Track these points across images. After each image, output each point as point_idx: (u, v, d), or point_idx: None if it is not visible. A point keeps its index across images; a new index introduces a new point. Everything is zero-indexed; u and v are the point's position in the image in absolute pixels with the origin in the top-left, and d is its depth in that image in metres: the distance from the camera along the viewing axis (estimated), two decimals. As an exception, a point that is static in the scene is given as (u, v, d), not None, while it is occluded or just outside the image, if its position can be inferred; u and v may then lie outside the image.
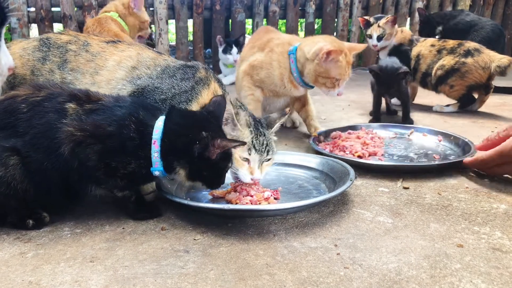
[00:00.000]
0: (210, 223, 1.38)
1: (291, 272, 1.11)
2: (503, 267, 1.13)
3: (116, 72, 1.63)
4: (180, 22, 4.38)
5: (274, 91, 2.28)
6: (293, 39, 2.30)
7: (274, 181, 1.71)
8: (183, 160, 1.32)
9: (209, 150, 1.28)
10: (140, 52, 1.69)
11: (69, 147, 1.25)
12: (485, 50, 2.87)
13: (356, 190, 1.64)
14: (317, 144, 2.10)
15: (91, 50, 1.69)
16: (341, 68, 2.07)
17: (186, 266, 1.14)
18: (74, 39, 1.73)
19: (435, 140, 2.20)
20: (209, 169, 1.33)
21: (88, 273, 1.11)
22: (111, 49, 1.69)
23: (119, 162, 1.29)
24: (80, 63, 1.67)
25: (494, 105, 3.16)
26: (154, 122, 1.32)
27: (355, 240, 1.27)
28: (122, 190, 1.37)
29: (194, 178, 1.36)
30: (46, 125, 1.27)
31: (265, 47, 2.29)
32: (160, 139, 1.29)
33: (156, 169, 1.32)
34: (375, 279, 1.08)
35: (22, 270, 1.12)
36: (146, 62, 1.65)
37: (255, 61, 2.28)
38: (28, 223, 1.33)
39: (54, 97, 1.31)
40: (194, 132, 1.30)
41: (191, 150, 1.29)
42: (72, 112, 1.28)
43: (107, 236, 1.30)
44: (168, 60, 1.69)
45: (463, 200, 1.55)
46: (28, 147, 1.26)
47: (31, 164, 1.26)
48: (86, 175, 1.31)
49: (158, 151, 1.29)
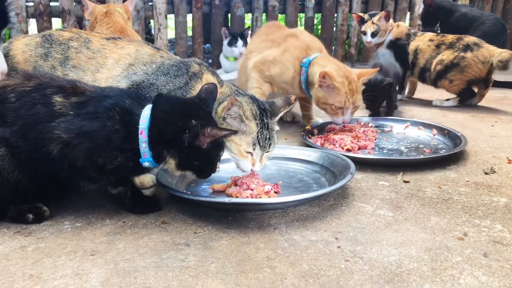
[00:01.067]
0: (210, 217, 1.38)
1: (292, 265, 1.11)
2: (504, 260, 1.13)
3: (114, 69, 1.63)
4: (179, 17, 4.36)
5: (284, 88, 2.28)
6: (312, 45, 2.24)
7: (274, 175, 1.70)
8: (173, 149, 1.29)
9: (199, 139, 1.25)
10: (139, 48, 1.68)
11: (58, 148, 1.25)
12: (485, 45, 2.86)
13: (357, 184, 1.63)
14: (309, 137, 2.10)
15: (92, 47, 1.68)
16: (339, 96, 2.03)
17: (187, 259, 1.14)
18: (76, 36, 1.72)
19: (429, 134, 2.20)
20: (200, 158, 1.30)
21: (89, 266, 1.10)
22: (111, 46, 1.69)
23: (106, 157, 1.27)
24: (82, 61, 1.67)
25: (494, 99, 3.15)
26: (140, 111, 1.29)
27: (355, 233, 1.27)
28: (116, 187, 1.35)
29: (184, 168, 1.33)
30: (34, 117, 1.26)
31: (281, 44, 2.26)
32: (148, 128, 1.26)
33: (145, 160, 1.29)
34: (376, 271, 1.08)
35: (23, 263, 1.12)
36: (143, 59, 1.65)
37: (269, 57, 2.25)
38: (28, 217, 1.33)
39: (42, 88, 1.30)
40: (183, 120, 1.27)
41: (180, 139, 1.26)
42: (59, 106, 1.27)
43: (107, 230, 1.30)
44: (164, 57, 1.69)
45: (463, 193, 1.55)
46: (16, 137, 1.25)
47: (21, 154, 1.26)
48: (77, 174, 1.31)
49: (146, 141, 1.27)
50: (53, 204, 1.40)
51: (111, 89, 1.37)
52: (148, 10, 4.29)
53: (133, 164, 1.30)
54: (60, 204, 1.43)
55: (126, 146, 1.27)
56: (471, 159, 1.89)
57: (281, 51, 2.23)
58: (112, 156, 1.27)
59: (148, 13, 4.30)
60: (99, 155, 1.26)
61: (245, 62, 2.42)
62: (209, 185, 1.57)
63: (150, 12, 4.29)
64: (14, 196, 1.31)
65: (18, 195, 1.31)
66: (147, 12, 4.29)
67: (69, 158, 1.26)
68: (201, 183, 1.61)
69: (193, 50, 4.55)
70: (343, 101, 2.04)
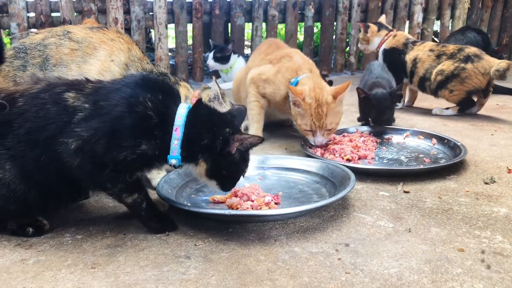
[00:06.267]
0: (211, 229, 1.38)
1: (292, 277, 1.11)
2: (504, 271, 1.13)
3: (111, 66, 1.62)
4: (180, 26, 4.38)
5: (278, 105, 2.33)
6: (303, 66, 2.26)
7: (274, 186, 1.71)
8: (207, 154, 1.31)
9: (229, 144, 1.29)
10: (130, 47, 1.71)
11: (77, 144, 1.21)
12: (485, 56, 2.86)
13: (357, 195, 1.64)
14: (309, 147, 2.10)
15: (75, 37, 1.64)
16: (305, 118, 2.01)
17: (187, 272, 1.14)
18: (49, 34, 1.67)
19: (429, 143, 2.20)
20: (228, 167, 1.34)
21: (90, 280, 1.10)
22: (99, 35, 1.66)
23: (127, 148, 1.22)
24: (64, 54, 1.62)
25: (494, 107, 3.16)
26: (176, 107, 1.30)
27: (356, 244, 1.27)
28: (131, 193, 1.30)
29: (213, 175, 1.35)
30: (44, 118, 1.24)
31: (275, 65, 2.30)
32: (183, 127, 1.28)
33: (174, 157, 1.29)
34: (376, 284, 1.08)
35: (23, 277, 1.12)
36: (135, 64, 1.69)
37: (264, 76, 2.30)
38: (28, 230, 1.33)
39: (51, 88, 1.29)
40: (220, 128, 1.31)
41: (214, 145, 1.29)
42: (72, 101, 1.25)
43: (108, 242, 1.30)
44: (150, 64, 1.77)
45: (463, 204, 1.55)
46: (23, 143, 1.23)
47: (28, 162, 1.23)
48: (91, 177, 1.27)
49: (180, 139, 1.28)
50: (54, 216, 1.41)
51: (134, 76, 1.35)
52: (149, 20, 4.31)
53: (156, 154, 1.28)
54: (60, 215, 1.43)
55: (157, 133, 1.26)
56: (471, 169, 1.89)
57: (275, 72, 2.27)
58: (135, 144, 1.23)
59: (148, 23, 4.32)
60: (121, 147, 1.22)
61: (245, 76, 2.47)
62: (209, 196, 1.58)
63: (150, 22, 4.31)
64: (18, 208, 1.28)
65: (23, 208, 1.29)
66: (148, 22, 4.31)
67: (87, 155, 1.22)
68: (201, 194, 1.61)
69: (194, 59, 4.57)
70: (309, 124, 2.02)
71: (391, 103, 2.43)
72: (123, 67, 1.67)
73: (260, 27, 4.72)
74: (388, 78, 2.63)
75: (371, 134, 2.32)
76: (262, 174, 1.81)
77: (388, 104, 2.42)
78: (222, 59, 4.23)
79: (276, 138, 2.45)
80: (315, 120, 2.01)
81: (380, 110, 2.40)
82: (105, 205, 1.55)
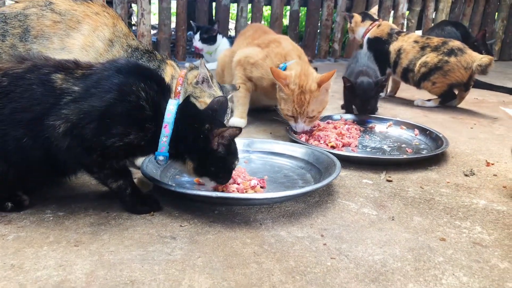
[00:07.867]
0: (196, 210, 1.37)
1: (278, 261, 1.12)
2: (484, 261, 1.16)
3: (94, 41, 1.57)
4: (164, 3, 4.28)
5: (265, 90, 2.32)
6: (291, 52, 2.24)
7: (260, 169, 1.70)
8: (192, 152, 1.30)
9: (210, 140, 1.28)
10: (115, 22, 1.67)
11: (65, 127, 1.18)
12: (468, 51, 2.91)
13: (341, 181, 1.65)
14: (294, 132, 2.10)
15: (58, 8, 1.57)
16: (287, 103, 2.02)
17: (173, 252, 1.13)
18: (31, 4, 1.60)
19: (411, 134, 2.24)
20: (215, 164, 1.32)
21: (73, 257, 1.08)
22: (83, 8, 1.60)
23: (116, 135, 1.20)
24: (46, 26, 1.55)
25: (473, 101, 3.23)
26: (167, 100, 1.28)
27: (341, 231, 1.29)
28: (116, 180, 1.29)
29: (202, 173, 1.35)
30: (29, 98, 1.19)
31: (263, 49, 2.28)
32: (173, 124, 1.26)
33: (162, 154, 1.28)
34: (361, 270, 1.10)
35: (3, 252, 1.09)
36: (121, 40, 1.66)
37: (251, 59, 2.28)
38: (6, 205, 1.29)
39: (38, 68, 1.24)
40: (200, 125, 1.29)
41: (196, 143, 1.28)
42: (60, 82, 1.21)
43: (91, 220, 1.27)
44: (136, 41, 1.74)
45: (444, 194, 1.58)
46: (5, 123, 1.19)
47: (8, 142, 1.19)
48: (78, 160, 1.25)
49: (168, 136, 1.26)
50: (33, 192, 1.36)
51: (126, 62, 1.30)
52: (132, -6, 4.20)
53: (144, 146, 1.26)
54: (40, 192, 1.39)
55: (149, 126, 1.24)
56: (451, 161, 1.93)
57: (263, 56, 2.26)
58: (124, 133, 1.21)
59: (131, -3, 4.21)
60: (110, 134, 1.20)
61: (230, 60, 2.44)
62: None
63: (133, -3, 4.20)
64: None
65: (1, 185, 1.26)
66: (131, -3, 4.20)
67: (76, 138, 1.19)
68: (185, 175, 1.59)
69: (177, 37, 4.48)
70: (291, 110, 2.03)
71: (376, 92, 2.44)
72: (107, 43, 1.62)
73: (245, 8, 4.66)
74: (374, 67, 2.64)
75: (355, 122, 2.34)
76: (247, 158, 1.80)
77: (373, 94, 2.43)
78: (209, 39, 4.17)
79: (260, 122, 2.44)
80: (296, 107, 2.01)
81: (364, 99, 2.41)
82: (87, 183, 1.52)
